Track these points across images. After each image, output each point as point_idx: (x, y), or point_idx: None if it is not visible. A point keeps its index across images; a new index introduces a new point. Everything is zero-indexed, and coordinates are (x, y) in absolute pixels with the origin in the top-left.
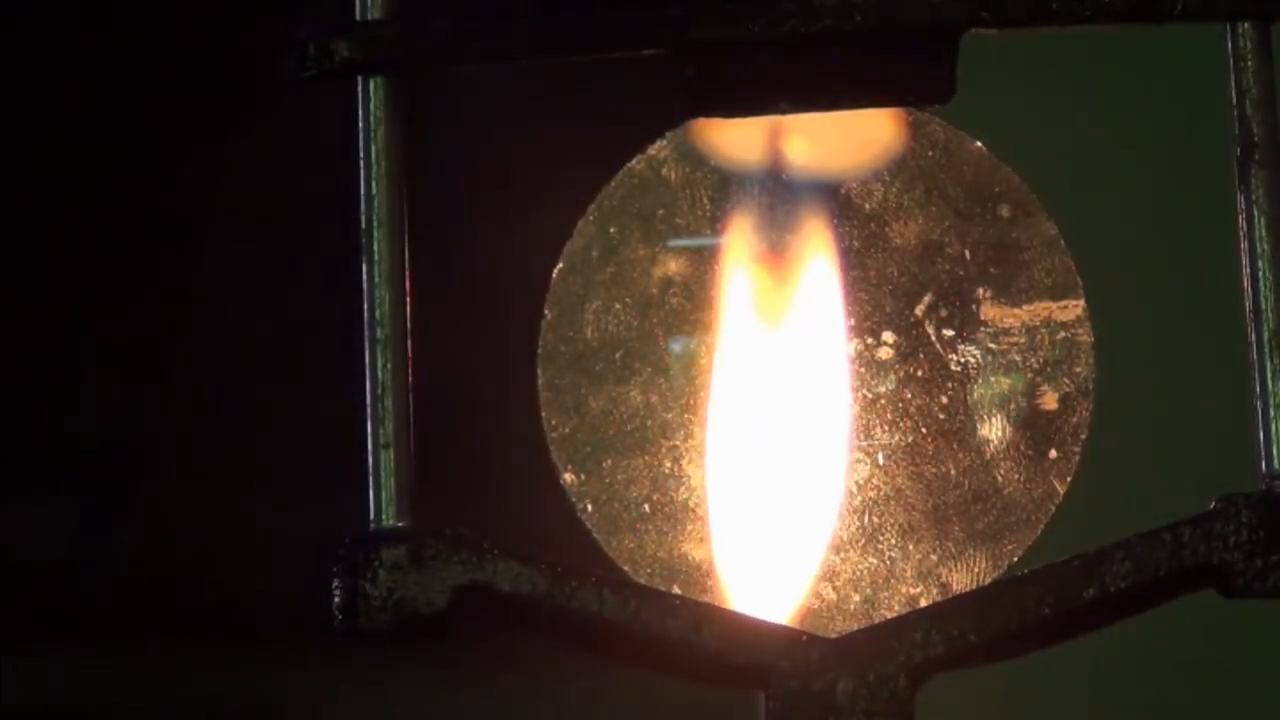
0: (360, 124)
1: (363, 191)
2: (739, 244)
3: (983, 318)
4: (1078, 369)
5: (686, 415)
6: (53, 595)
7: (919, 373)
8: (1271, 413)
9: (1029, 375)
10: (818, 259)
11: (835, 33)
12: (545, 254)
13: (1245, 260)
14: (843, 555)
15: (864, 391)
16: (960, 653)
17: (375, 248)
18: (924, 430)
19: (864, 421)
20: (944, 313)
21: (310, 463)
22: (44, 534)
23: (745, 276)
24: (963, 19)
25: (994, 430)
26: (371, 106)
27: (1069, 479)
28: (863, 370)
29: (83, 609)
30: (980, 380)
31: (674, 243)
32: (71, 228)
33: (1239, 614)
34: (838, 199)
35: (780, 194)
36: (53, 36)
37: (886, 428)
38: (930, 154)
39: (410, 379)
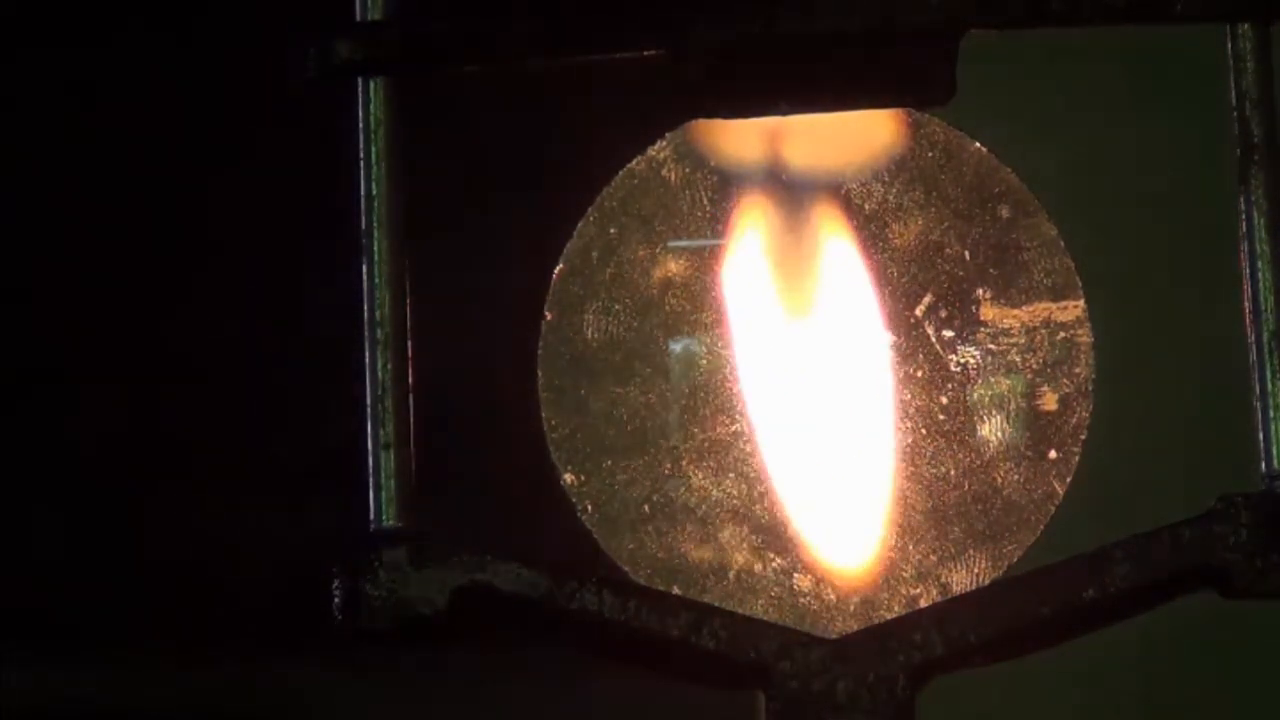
0: (361, 125)
1: (363, 192)
2: (739, 245)
3: (982, 318)
4: (1077, 370)
5: (686, 415)
6: (52, 598)
7: (919, 373)
8: (1271, 413)
9: (1029, 376)
10: (817, 260)
11: (835, 33)
12: (545, 254)
13: (1245, 260)
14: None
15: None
16: (960, 653)
17: (375, 248)
18: (924, 431)
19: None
20: (944, 313)
21: (310, 463)
22: (43, 536)
23: (745, 277)
24: (963, 19)
25: (994, 431)
26: (372, 107)
27: (1069, 479)
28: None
29: (82, 611)
30: (980, 381)
31: (674, 243)
32: (73, 229)
33: (1239, 614)
34: (838, 200)
35: (780, 195)
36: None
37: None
38: (930, 154)
39: (410, 379)
